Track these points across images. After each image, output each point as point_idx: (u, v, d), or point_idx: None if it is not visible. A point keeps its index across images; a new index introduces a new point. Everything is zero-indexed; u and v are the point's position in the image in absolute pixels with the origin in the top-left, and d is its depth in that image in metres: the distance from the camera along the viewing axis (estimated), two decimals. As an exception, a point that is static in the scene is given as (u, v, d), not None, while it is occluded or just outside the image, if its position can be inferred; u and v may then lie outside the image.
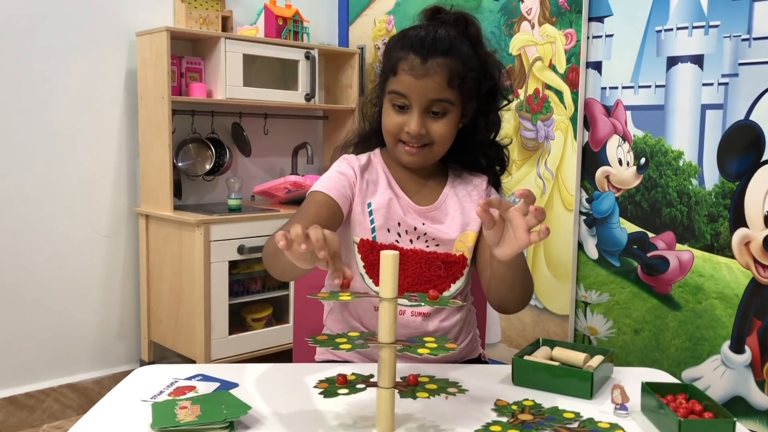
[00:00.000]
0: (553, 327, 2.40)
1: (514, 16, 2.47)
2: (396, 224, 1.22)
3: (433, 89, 1.16)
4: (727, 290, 1.98)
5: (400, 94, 1.17)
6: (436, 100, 1.17)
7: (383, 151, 1.30)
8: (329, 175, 1.24)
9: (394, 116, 1.19)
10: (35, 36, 2.37)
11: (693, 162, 2.04)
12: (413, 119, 1.17)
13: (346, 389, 0.88)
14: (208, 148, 2.72)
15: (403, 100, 1.18)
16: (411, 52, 1.16)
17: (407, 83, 1.16)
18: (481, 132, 1.26)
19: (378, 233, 1.21)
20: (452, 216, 1.25)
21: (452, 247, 1.23)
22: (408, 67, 1.16)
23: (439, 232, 1.23)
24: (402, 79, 1.17)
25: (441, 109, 1.18)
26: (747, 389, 1.95)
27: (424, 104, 1.17)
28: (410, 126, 1.17)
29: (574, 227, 2.32)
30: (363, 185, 1.23)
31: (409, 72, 1.16)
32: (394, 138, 1.21)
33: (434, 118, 1.18)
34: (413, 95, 1.16)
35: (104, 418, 0.91)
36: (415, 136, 1.18)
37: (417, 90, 1.16)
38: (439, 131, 1.19)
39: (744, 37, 1.91)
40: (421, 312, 1.22)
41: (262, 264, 2.87)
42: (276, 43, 2.73)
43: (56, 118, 2.44)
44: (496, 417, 0.92)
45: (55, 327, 2.49)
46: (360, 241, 1.22)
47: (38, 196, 2.41)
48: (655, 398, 0.92)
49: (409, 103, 1.18)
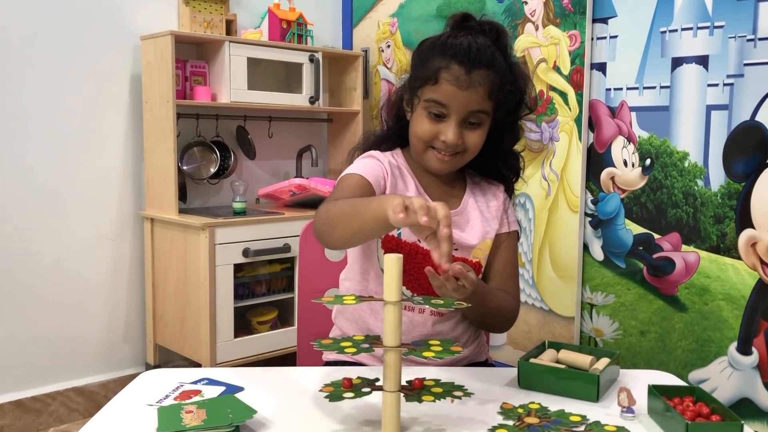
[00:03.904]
0: (558, 329, 2.40)
1: (518, 18, 2.47)
2: None
3: (475, 101, 1.16)
4: (734, 291, 1.97)
5: (439, 103, 1.16)
6: (476, 112, 1.17)
7: (405, 153, 1.29)
8: (364, 162, 1.22)
9: (429, 124, 1.18)
10: (40, 40, 2.38)
11: (698, 163, 2.03)
12: (450, 129, 1.16)
13: (352, 393, 0.88)
14: (212, 152, 2.72)
15: (441, 109, 1.17)
16: (455, 62, 1.15)
17: (449, 93, 1.15)
18: (507, 141, 1.27)
19: (403, 231, 1.21)
20: (473, 224, 1.26)
21: (470, 254, 1.24)
22: (452, 78, 1.14)
23: (462, 239, 1.23)
24: (444, 88, 1.15)
25: (478, 120, 1.18)
26: (754, 391, 1.94)
27: (464, 115, 1.17)
28: (447, 136, 1.16)
29: (579, 229, 2.31)
30: (393, 180, 1.23)
31: (453, 82, 1.14)
32: (425, 144, 1.20)
33: (470, 128, 1.18)
34: (454, 106, 1.16)
35: (110, 423, 0.91)
36: (451, 146, 1.18)
37: (459, 101, 1.15)
38: (473, 141, 1.19)
39: (749, 38, 1.90)
40: (440, 312, 1.23)
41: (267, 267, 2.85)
42: (280, 46, 2.74)
43: (61, 122, 2.45)
44: (502, 420, 0.92)
45: (61, 330, 2.49)
46: (385, 237, 1.21)
47: (43, 200, 2.42)
48: (662, 401, 0.91)
49: (447, 113, 1.17)
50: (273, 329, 2.64)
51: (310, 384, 1.02)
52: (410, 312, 1.23)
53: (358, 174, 1.18)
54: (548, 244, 2.42)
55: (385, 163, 1.23)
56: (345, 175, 1.20)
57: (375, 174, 1.19)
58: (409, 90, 1.22)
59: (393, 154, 1.28)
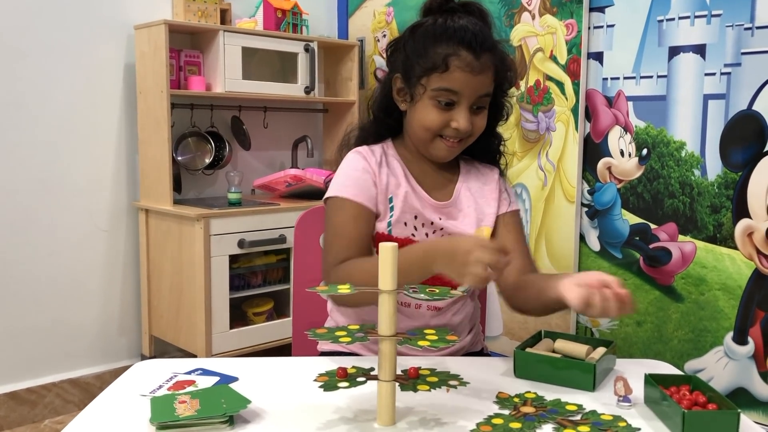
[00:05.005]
0: (555, 319, 2.40)
1: (514, 7, 2.46)
2: (413, 217, 1.21)
3: (485, 85, 1.15)
4: (730, 281, 1.97)
5: (451, 90, 1.13)
6: (483, 96, 1.16)
7: (397, 143, 1.27)
8: (351, 176, 1.19)
9: (438, 113, 1.15)
10: (32, 30, 2.36)
11: (695, 153, 2.03)
12: (462, 115, 1.14)
13: (347, 382, 0.88)
14: (207, 142, 2.71)
15: (453, 96, 1.14)
16: (462, 48, 1.12)
17: (462, 80, 1.13)
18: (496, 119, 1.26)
19: (394, 227, 1.20)
20: (466, 212, 1.24)
21: None
22: (463, 64, 1.12)
23: (456, 228, 1.22)
24: (455, 76, 1.12)
25: (483, 104, 1.17)
26: (750, 380, 1.94)
27: (473, 100, 1.15)
28: (460, 123, 1.14)
29: (575, 219, 2.31)
30: (383, 178, 1.20)
31: (465, 68, 1.12)
32: (433, 134, 1.18)
33: (477, 112, 1.17)
34: (466, 92, 1.14)
35: (103, 413, 0.91)
36: (463, 132, 1.16)
37: (471, 87, 1.13)
38: (480, 125, 1.19)
39: (747, 26, 1.89)
40: (436, 306, 1.23)
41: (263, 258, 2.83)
42: (275, 35, 2.72)
43: (55, 112, 2.43)
44: (498, 410, 0.91)
45: (55, 322, 2.48)
46: (377, 235, 1.20)
47: (37, 191, 2.41)
48: (659, 390, 0.91)
49: (457, 99, 1.14)
50: (269, 320, 2.63)
51: (304, 374, 1.02)
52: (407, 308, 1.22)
53: (349, 200, 1.15)
54: (545, 235, 2.41)
55: (371, 162, 1.20)
56: (339, 199, 1.16)
57: (367, 189, 1.17)
58: (407, 80, 1.18)
59: (384, 146, 1.26)
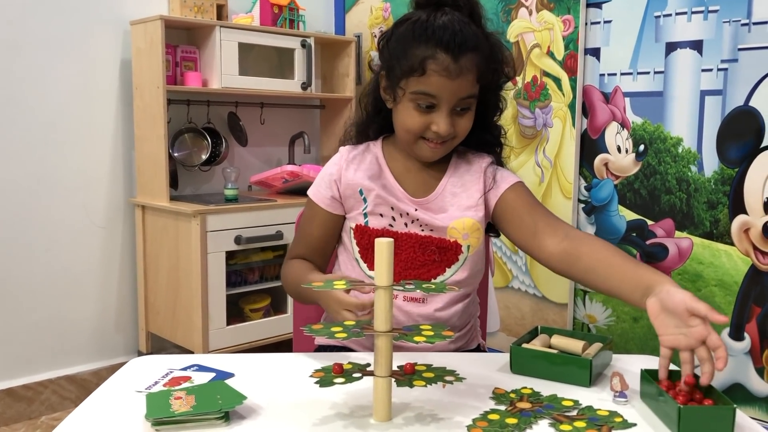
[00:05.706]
0: (552, 315, 2.40)
1: (511, 3, 2.45)
2: (389, 208, 1.21)
3: (465, 88, 1.12)
4: (727, 277, 1.97)
5: (428, 95, 1.11)
6: (465, 98, 1.13)
7: (385, 142, 1.27)
8: (321, 177, 1.26)
9: (418, 116, 1.14)
10: (28, 26, 2.35)
11: (692, 149, 2.03)
12: (442, 119, 1.13)
13: (343, 378, 0.87)
14: (204, 138, 2.70)
15: (431, 100, 1.12)
16: (440, 50, 1.09)
17: (439, 84, 1.10)
18: (490, 115, 1.24)
19: (370, 218, 1.20)
20: (445, 208, 1.22)
21: (446, 233, 1.22)
22: (440, 68, 1.09)
23: (432, 221, 1.21)
24: (432, 80, 1.10)
25: (467, 105, 1.15)
26: (746, 376, 1.95)
27: (454, 103, 1.13)
28: (440, 126, 1.13)
29: (572, 215, 2.31)
30: (349, 174, 1.22)
31: (441, 73, 1.09)
32: (415, 136, 1.17)
33: (460, 114, 1.15)
34: (444, 96, 1.11)
35: (98, 410, 0.90)
36: (443, 136, 1.14)
37: (449, 91, 1.11)
38: (464, 126, 1.17)
39: (743, 22, 1.89)
40: (414, 297, 1.21)
41: (260, 254, 2.84)
42: (272, 31, 2.71)
43: (50, 108, 2.42)
44: (494, 405, 0.91)
45: (52, 319, 2.48)
46: (356, 226, 1.21)
47: (33, 188, 2.40)
48: (655, 385, 0.91)
49: (437, 103, 1.12)
50: (266, 317, 2.63)
51: (300, 370, 1.01)
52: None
53: (312, 201, 1.25)
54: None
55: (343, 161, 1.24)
56: (309, 200, 1.27)
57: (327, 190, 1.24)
58: (389, 79, 1.17)
59: (371, 144, 1.26)
